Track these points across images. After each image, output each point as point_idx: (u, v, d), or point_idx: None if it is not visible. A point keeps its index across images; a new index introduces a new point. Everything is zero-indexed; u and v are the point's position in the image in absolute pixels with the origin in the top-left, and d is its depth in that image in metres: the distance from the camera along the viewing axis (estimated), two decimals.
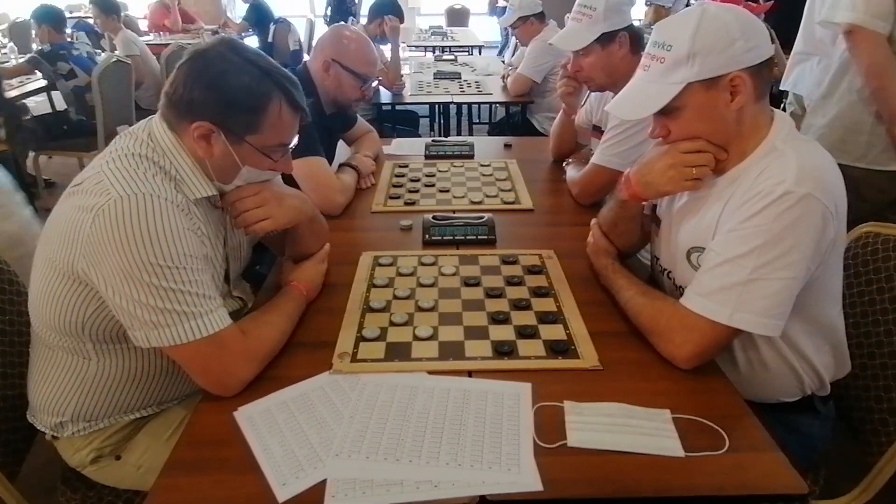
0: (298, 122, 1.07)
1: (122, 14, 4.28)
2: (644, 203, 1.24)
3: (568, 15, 1.76)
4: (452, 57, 4.69)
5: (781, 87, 2.92)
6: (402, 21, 3.51)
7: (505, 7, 3.56)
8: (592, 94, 1.94)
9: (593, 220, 1.36)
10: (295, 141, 1.10)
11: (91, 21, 5.71)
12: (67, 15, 4.09)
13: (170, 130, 1.01)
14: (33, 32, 3.91)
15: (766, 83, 1.03)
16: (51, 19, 3.71)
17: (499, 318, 1.16)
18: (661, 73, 1.02)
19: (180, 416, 1.13)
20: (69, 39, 3.76)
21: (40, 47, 3.68)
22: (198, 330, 0.93)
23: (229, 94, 0.98)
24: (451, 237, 1.50)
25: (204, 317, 0.94)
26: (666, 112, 1.03)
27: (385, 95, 3.48)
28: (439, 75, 3.85)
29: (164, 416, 1.14)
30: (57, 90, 4.08)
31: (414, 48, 5.90)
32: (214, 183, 1.05)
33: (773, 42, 1.01)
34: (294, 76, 1.05)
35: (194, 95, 0.97)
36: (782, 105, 3.05)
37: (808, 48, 2.70)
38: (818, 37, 2.63)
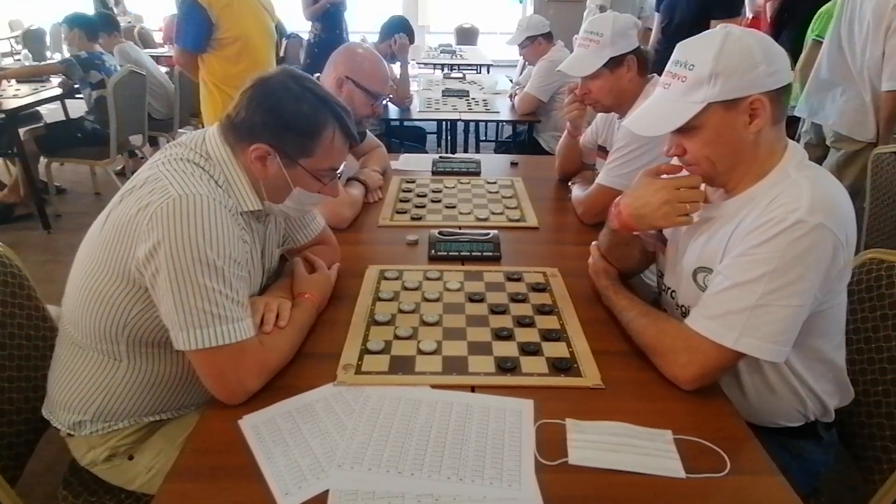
0: (348, 149, 1.14)
1: (114, 31, 4.27)
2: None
3: (576, 37, 1.77)
4: (461, 75, 4.73)
5: (796, 114, 2.71)
6: (412, 41, 3.55)
7: None
8: (598, 114, 1.96)
9: (593, 243, 1.36)
10: (343, 167, 1.15)
11: None
12: None
13: (225, 145, 1.07)
14: (63, 36, 3.92)
15: (785, 108, 1.04)
16: (84, 25, 3.76)
17: (502, 335, 1.17)
18: (682, 91, 1.02)
19: (195, 420, 1.14)
20: (99, 50, 3.81)
21: (77, 53, 3.70)
22: (227, 335, 0.95)
23: (288, 118, 1.04)
24: (457, 253, 1.51)
25: (235, 323, 0.97)
26: (684, 130, 1.04)
27: (393, 111, 3.52)
28: (447, 92, 3.88)
29: (181, 419, 1.16)
30: (73, 97, 4.12)
31: (423, 65, 5.95)
32: (264, 203, 1.11)
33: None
34: (346, 107, 1.11)
35: (255, 119, 1.04)
36: (797, 135, 2.87)
37: (833, 77, 2.49)
38: (847, 66, 2.41)
